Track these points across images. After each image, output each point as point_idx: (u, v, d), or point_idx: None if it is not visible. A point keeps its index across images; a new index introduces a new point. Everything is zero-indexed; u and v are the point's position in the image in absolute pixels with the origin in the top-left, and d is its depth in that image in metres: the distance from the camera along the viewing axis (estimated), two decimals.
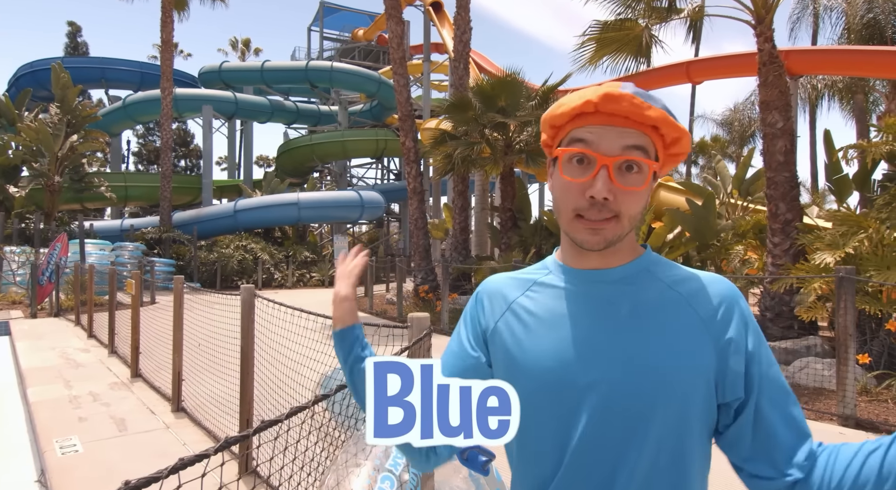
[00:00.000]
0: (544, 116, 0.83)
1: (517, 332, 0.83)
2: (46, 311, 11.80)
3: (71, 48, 35.90)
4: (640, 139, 0.77)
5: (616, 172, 0.75)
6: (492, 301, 0.89)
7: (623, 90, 0.75)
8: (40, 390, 5.51)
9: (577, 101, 0.77)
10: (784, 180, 6.77)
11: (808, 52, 14.44)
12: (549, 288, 0.84)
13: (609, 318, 0.78)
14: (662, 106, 0.77)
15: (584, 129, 0.77)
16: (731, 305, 0.78)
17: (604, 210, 0.76)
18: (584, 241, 0.78)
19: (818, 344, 6.05)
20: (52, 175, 17.29)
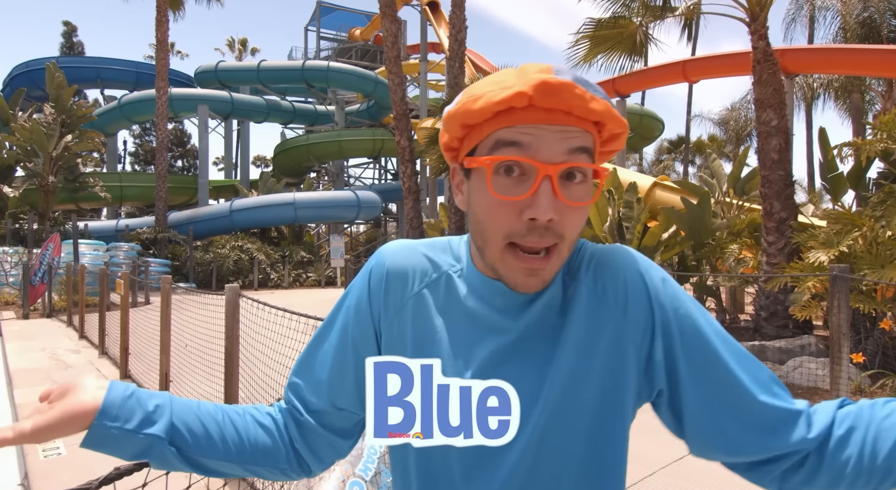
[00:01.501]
0: (452, 111, 0.63)
1: (407, 345, 0.70)
2: (39, 311, 11.73)
3: (66, 48, 35.78)
4: (584, 139, 0.60)
5: (560, 184, 0.59)
6: (391, 285, 0.72)
7: (560, 76, 0.58)
8: (27, 392, 5.46)
9: (503, 94, 0.58)
10: (778, 179, 6.75)
11: (804, 51, 14.43)
12: (457, 293, 0.70)
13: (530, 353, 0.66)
14: (604, 95, 0.61)
15: (515, 130, 0.59)
16: (640, 288, 0.65)
17: (546, 235, 0.60)
18: (518, 284, 0.63)
19: (813, 343, 6.02)
20: (47, 175, 17.21)
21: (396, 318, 0.71)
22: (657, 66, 17.68)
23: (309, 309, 3.07)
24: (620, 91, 18.35)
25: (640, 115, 24.67)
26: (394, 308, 0.71)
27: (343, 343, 0.74)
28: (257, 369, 3.61)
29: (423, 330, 0.70)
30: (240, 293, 3.56)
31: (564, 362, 0.65)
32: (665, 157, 33.67)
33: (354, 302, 0.74)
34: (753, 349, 6.22)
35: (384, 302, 0.72)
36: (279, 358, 3.20)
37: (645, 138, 26.34)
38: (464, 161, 0.65)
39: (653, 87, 20.01)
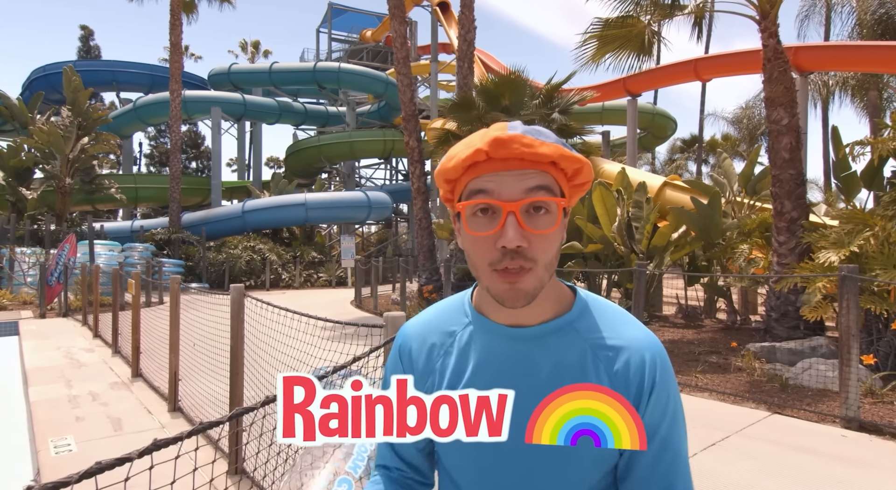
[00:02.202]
0: (437, 171, 0.78)
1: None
2: (55, 311, 11.95)
3: (84, 52, 36.39)
4: (541, 178, 0.73)
5: (524, 217, 0.71)
6: (415, 362, 0.87)
7: (511, 131, 0.71)
8: (41, 390, 5.56)
9: (467, 152, 0.72)
10: (789, 178, 6.66)
11: (819, 48, 14.22)
12: (469, 346, 0.82)
13: (525, 381, 0.77)
14: (556, 140, 0.74)
15: (481, 179, 0.73)
16: (645, 374, 0.76)
17: (517, 258, 0.71)
18: (504, 299, 0.74)
19: (824, 345, 5.93)
20: (64, 177, 17.52)
21: (435, 381, 0.84)
22: (668, 65, 17.54)
23: (319, 309, 3.10)
24: (631, 90, 18.22)
25: (652, 115, 24.47)
26: (433, 376, 0.84)
27: None
28: (266, 368, 3.64)
29: (458, 381, 0.82)
30: (245, 293, 3.60)
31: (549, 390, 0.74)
32: (678, 157, 33.32)
33: (394, 370, 0.90)
34: (763, 350, 6.15)
35: (421, 376, 0.86)
36: (285, 359, 3.23)
37: (657, 137, 26.11)
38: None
39: (664, 86, 19.84)
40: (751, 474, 3.36)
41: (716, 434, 4.03)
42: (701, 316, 9.08)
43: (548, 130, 0.75)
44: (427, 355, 0.85)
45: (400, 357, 0.89)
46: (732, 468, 3.44)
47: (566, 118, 10.83)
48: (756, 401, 4.87)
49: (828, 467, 3.48)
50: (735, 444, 3.87)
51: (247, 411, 1.18)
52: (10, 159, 18.05)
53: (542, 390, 0.74)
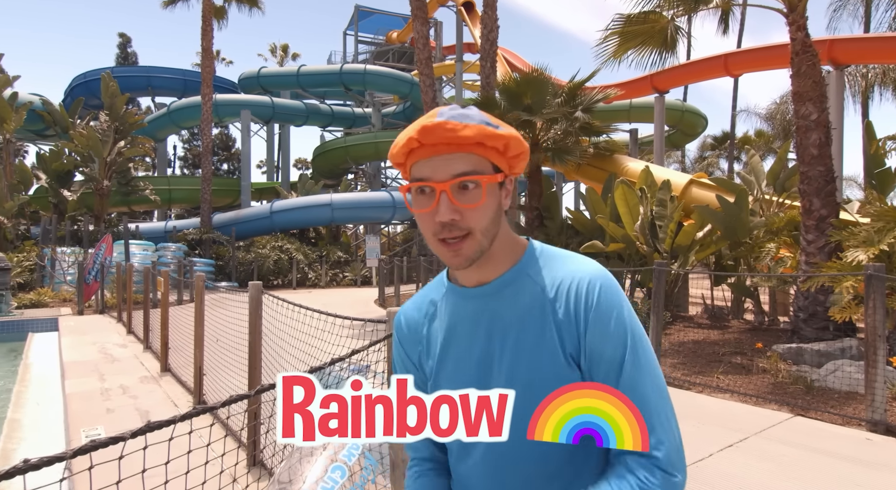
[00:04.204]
0: (389, 155, 0.87)
1: (431, 360, 0.93)
2: (93, 308, 12.43)
3: (121, 58, 37.67)
4: (467, 162, 0.81)
5: (455, 193, 0.80)
6: (411, 338, 0.97)
7: (439, 118, 0.79)
8: (77, 383, 5.82)
9: (403, 140, 0.82)
10: (818, 175, 6.47)
11: (855, 41, 13.72)
12: (444, 311, 0.92)
13: (494, 331, 0.86)
14: (480, 120, 0.81)
15: (418, 165, 0.83)
16: (582, 300, 0.82)
17: (455, 229, 0.81)
18: (450, 263, 0.84)
19: (854, 346, 5.75)
20: (102, 179, 18.20)
21: (424, 347, 0.95)
22: (697, 61, 17.16)
23: (343, 308, 3.18)
24: (659, 87, 17.89)
25: (682, 111, 23.98)
26: (422, 343, 0.95)
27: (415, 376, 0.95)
28: (287, 364, 3.74)
29: (439, 343, 0.92)
30: (262, 290, 3.71)
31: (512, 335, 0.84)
32: (709, 154, 32.55)
33: (398, 356, 1.00)
34: (790, 352, 5.99)
35: (412, 344, 0.97)
36: (303, 356, 3.32)
37: (687, 135, 25.57)
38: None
39: (693, 82, 19.39)
40: (769, 476, 3.30)
41: (734, 435, 3.96)
42: (727, 316, 8.89)
43: (475, 111, 0.82)
44: (415, 327, 0.96)
45: (398, 338, 0.99)
46: (750, 470, 3.38)
47: (589, 116, 10.74)
48: (779, 403, 4.76)
49: (850, 470, 3.38)
50: (754, 445, 3.80)
51: (240, 398, 1.25)
52: (52, 163, 18.84)
53: (509, 337, 0.84)
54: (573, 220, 10.51)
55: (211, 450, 2.17)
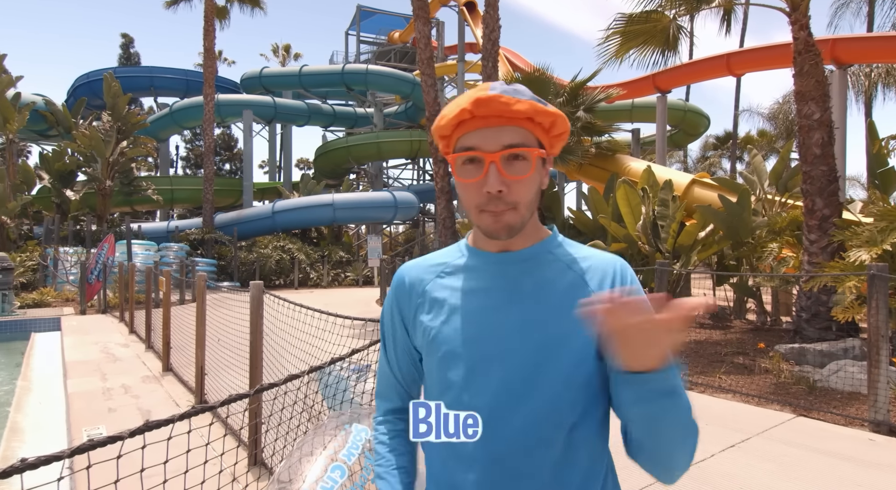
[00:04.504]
0: (432, 129, 0.90)
1: (432, 313, 0.92)
2: (95, 308, 12.46)
3: (124, 58, 37.75)
4: (517, 134, 0.84)
5: (504, 165, 0.83)
6: (410, 291, 0.97)
7: (491, 92, 0.82)
8: (79, 382, 5.83)
9: (455, 111, 0.83)
10: (821, 174, 6.45)
11: (858, 40, 13.67)
12: (461, 270, 0.93)
13: (513, 293, 0.88)
14: (531, 97, 0.84)
15: (467, 136, 0.85)
16: (617, 278, 0.89)
17: (500, 203, 0.83)
18: (490, 230, 0.86)
19: (857, 346, 5.73)
20: (104, 179, 18.23)
21: (423, 297, 0.94)
22: (699, 60, 17.13)
23: (344, 308, 3.18)
24: (661, 87, 17.86)
25: (684, 111, 23.94)
26: (423, 297, 0.95)
27: (395, 335, 0.99)
28: (288, 363, 3.74)
29: (448, 300, 0.92)
30: (263, 290, 3.71)
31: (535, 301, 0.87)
32: (711, 154, 32.49)
33: (388, 305, 1.00)
34: (792, 352, 5.98)
35: (408, 298, 0.96)
36: (304, 356, 3.32)
37: (689, 135, 25.52)
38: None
39: (696, 82, 19.37)
40: (771, 477, 3.29)
41: (736, 435, 3.95)
42: (730, 316, 8.87)
43: (525, 88, 0.85)
44: (419, 282, 0.96)
45: (396, 290, 0.99)
46: (752, 470, 3.37)
47: (591, 116, 10.73)
48: (781, 403, 4.74)
49: (853, 471, 3.37)
50: (756, 446, 3.79)
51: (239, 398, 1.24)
52: (55, 163, 18.89)
53: (526, 302, 0.87)
54: (575, 220, 10.50)
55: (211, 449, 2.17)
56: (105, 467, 1.47)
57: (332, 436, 1.67)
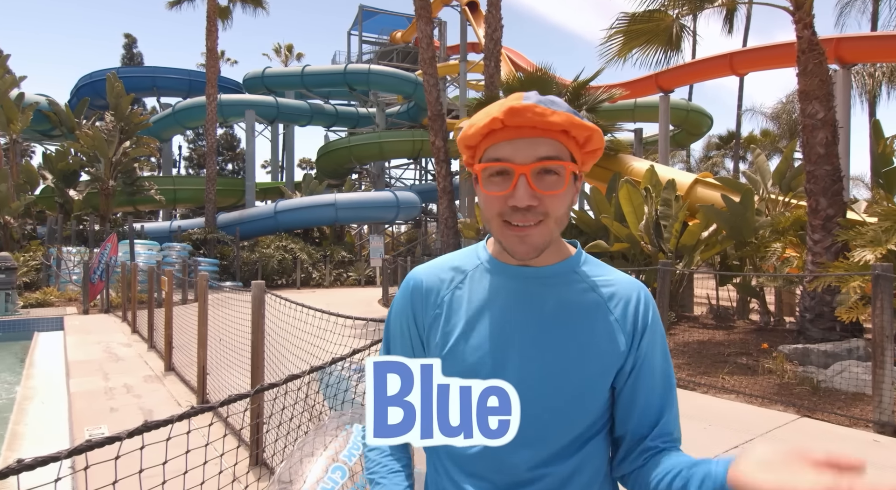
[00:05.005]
0: (459, 138, 0.85)
1: (450, 327, 0.87)
2: (98, 307, 12.48)
3: (127, 59, 37.84)
4: (551, 147, 0.80)
5: (534, 179, 0.79)
6: (426, 297, 0.91)
7: (526, 102, 0.77)
8: (81, 381, 5.84)
9: (485, 120, 0.79)
10: (825, 174, 6.42)
11: (862, 39, 13.62)
12: (480, 282, 0.88)
13: (534, 312, 0.84)
14: (567, 109, 0.80)
15: (497, 146, 0.80)
16: (640, 309, 0.87)
17: (529, 215, 0.79)
18: (515, 251, 0.82)
19: (861, 347, 5.70)
20: (107, 179, 18.27)
21: (441, 310, 0.89)
22: (702, 60, 17.08)
23: (347, 308, 3.18)
24: (664, 86, 17.82)
25: (687, 111, 23.87)
26: (441, 307, 0.89)
27: (405, 340, 0.93)
28: (290, 363, 3.73)
29: (465, 312, 0.87)
30: (265, 290, 3.71)
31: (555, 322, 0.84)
32: (714, 154, 32.40)
33: (400, 308, 0.93)
34: (796, 352, 5.95)
35: (426, 307, 0.90)
36: (306, 356, 3.32)
37: (692, 134, 25.46)
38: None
39: (699, 81, 19.33)
40: None
41: (739, 436, 3.93)
42: (732, 316, 8.84)
43: (560, 100, 0.81)
44: (437, 289, 0.90)
45: (411, 294, 0.92)
46: None
47: (594, 116, 10.70)
48: (785, 404, 4.72)
49: None
50: None
51: (239, 398, 1.23)
52: (58, 163, 18.93)
53: (546, 323, 0.83)
54: (577, 220, 10.48)
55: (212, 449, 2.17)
56: (104, 468, 1.47)
57: (333, 436, 1.66)
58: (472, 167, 0.87)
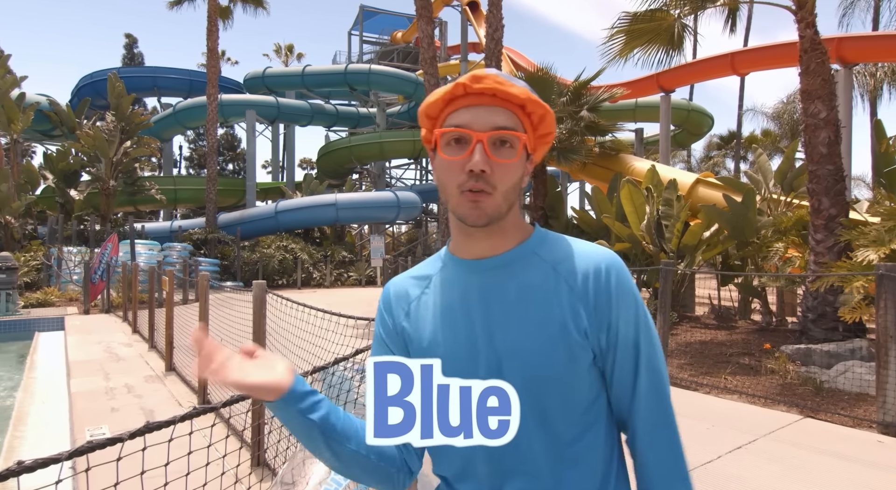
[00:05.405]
0: (420, 110, 0.87)
1: (419, 330, 0.89)
2: (98, 307, 12.47)
3: (128, 59, 37.85)
4: (508, 118, 0.82)
5: (490, 147, 0.80)
6: (394, 307, 0.93)
7: (487, 71, 0.82)
8: (82, 381, 5.83)
9: (447, 88, 0.83)
10: (827, 174, 6.41)
11: (864, 39, 13.60)
12: (444, 283, 0.89)
13: (498, 304, 0.84)
14: (525, 86, 0.83)
15: (457, 113, 0.83)
16: (602, 279, 0.83)
17: (480, 181, 0.80)
18: (467, 215, 0.82)
19: (864, 347, 5.69)
20: (108, 179, 18.27)
21: (409, 320, 0.91)
22: (703, 59, 17.06)
23: (347, 308, 3.16)
24: (665, 86, 17.80)
25: (688, 111, 23.85)
26: (403, 315, 0.91)
27: (386, 354, 0.92)
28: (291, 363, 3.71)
29: (432, 314, 0.88)
30: (266, 289, 3.69)
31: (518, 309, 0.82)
32: (715, 154, 32.38)
33: (380, 325, 0.95)
34: (798, 353, 5.93)
35: (395, 314, 0.93)
36: (308, 357, 3.30)
37: (693, 134, 25.43)
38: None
39: (700, 81, 19.32)
40: (778, 479, 3.25)
41: (743, 437, 3.91)
42: (734, 317, 8.82)
43: (519, 79, 0.84)
44: (405, 300, 0.92)
45: (383, 307, 0.95)
46: (759, 472, 3.34)
47: (594, 115, 10.69)
48: (788, 404, 4.70)
49: (861, 473, 3.33)
50: (763, 447, 3.75)
51: (241, 399, 1.22)
52: (58, 163, 18.93)
53: (512, 311, 0.82)
54: (578, 220, 10.47)
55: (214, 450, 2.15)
56: (106, 469, 1.45)
57: None
58: (430, 143, 0.88)
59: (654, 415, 0.83)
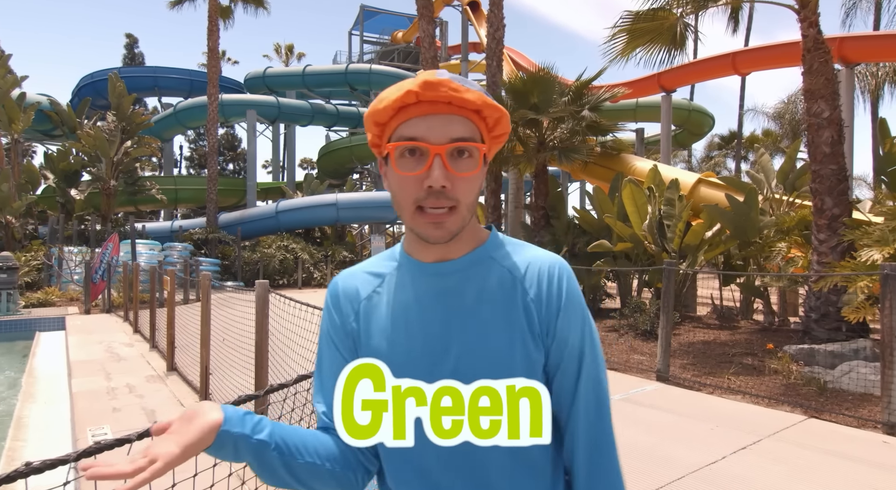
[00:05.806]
0: (366, 114, 0.80)
1: (370, 332, 0.85)
2: (99, 307, 12.46)
3: (128, 59, 37.84)
4: (465, 127, 0.77)
5: (449, 160, 0.76)
6: (343, 306, 0.89)
7: (440, 76, 0.75)
8: (83, 381, 5.82)
9: (398, 93, 0.75)
10: (830, 173, 6.39)
11: (865, 38, 13.59)
12: (398, 284, 0.86)
13: (454, 308, 0.82)
14: (479, 89, 0.78)
15: (410, 123, 0.77)
16: (554, 285, 0.82)
17: (442, 198, 0.76)
18: (429, 235, 0.78)
19: (868, 347, 5.67)
20: (108, 179, 18.25)
21: (358, 321, 0.87)
22: (705, 59, 17.05)
23: None
24: (666, 86, 17.78)
25: (689, 111, 23.83)
26: (353, 315, 0.88)
27: (333, 352, 0.89)
28: (293, 363, 3.71)
29: (384, 316, 0.85)
30: (269, 289, 3.68)
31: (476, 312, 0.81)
32: (716, 154, 32.36)
33: (327, 321, 0.91)
34: (801, 353, 5.92)
35: (344, 313, 0.88)
36: (309, 356, 3.29)
37: (694, 134, 25.40)
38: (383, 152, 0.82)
39: (701, 81, 19.29)
40: (783, 479, 3.24)
41: (747, 437, 3.90)
42: (737, 317, 8.80)
43: (472, 81, 0.80)
44: (354, 299, 0.88)
45: (331, 304, 0.91)
46: (763, 472, 3.33)
47: (596, 115, 10.67)
48: (791, 404, 4.69)
49: (866, 474, 3.32)
50: (767, 448, 3.74)
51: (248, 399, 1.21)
52: (59, 163, 18.92)
53: (468, 316, 0.81)
54: (580, 220, 10.45)
55: None
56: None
57: None
58: (378, 148, 0.83)
59: (594, 428, 0.81)
